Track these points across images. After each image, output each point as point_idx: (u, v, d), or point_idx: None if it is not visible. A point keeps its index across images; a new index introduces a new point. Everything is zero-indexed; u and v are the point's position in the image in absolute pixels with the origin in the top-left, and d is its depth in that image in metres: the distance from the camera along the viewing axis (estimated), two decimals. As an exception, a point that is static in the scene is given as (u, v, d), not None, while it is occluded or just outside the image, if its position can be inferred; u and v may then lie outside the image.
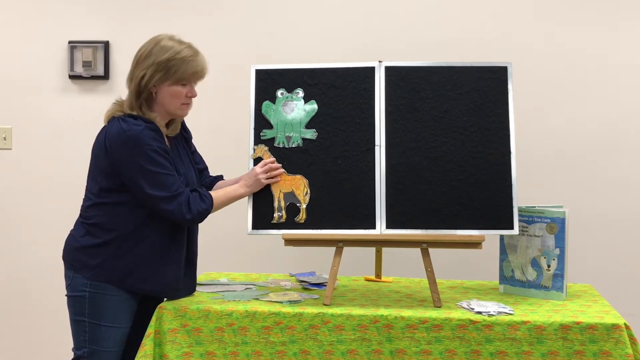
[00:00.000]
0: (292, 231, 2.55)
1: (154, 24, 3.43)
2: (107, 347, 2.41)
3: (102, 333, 2.40)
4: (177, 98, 2.43)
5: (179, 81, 2.41)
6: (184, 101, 2.45)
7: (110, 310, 2.40)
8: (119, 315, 2.41)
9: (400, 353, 2.33)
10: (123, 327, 2.43)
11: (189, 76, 2.42)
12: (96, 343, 2.40)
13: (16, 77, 3.53)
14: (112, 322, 2.41)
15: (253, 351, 2.38)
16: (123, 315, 2.42)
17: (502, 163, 2.53)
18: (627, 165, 3.22)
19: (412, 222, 2.52)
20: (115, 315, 2.41)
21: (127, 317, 2.44)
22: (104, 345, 2.41)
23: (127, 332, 2.45)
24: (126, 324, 2.44)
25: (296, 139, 2.60)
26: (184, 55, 2.40)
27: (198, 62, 2.43)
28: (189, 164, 2.57)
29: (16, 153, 3.54)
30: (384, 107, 2.58)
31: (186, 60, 2.40)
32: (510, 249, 2.69)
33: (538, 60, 3.23)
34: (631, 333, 2.28)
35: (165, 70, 2.39)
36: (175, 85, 2.41)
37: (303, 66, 2.66)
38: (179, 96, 2.43)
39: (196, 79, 2.46)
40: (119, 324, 2.41)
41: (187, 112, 2.50)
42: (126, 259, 2.39)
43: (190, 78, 2.43)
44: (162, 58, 2.39)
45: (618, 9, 3.21)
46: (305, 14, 3.37)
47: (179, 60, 2.40)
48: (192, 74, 2.43)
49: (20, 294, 3.53)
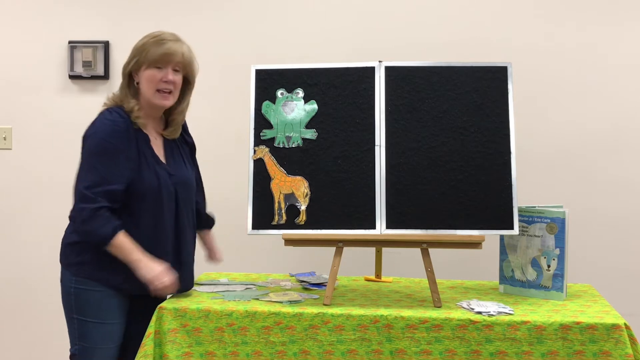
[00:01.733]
0: (292, 231, 2.55)
1: (154, 24, 3.42)
2: (96, 344, 2.40)
3: (90, 330, 2.40)
4: (152, 82, 2.40)
5: (152, 64, 2.39)
6: (159, 86, 2.41)
7: (96, 307, 2.39)
8: (104, 312, 2.40)
9: (400, 353, 2.33)
10: (110, 324, 2.41)
11: (160, 57, 2.39)
12: (85, 340, 2.41)
13: (16, 77, 3.52)
14: (98, 318, 2.39)
15: (253, 351, 2.38)
16: (109, 312, 2.40)
17: (502, 163, 2.54)
18: (627, 165, 3.22)
19: (412, 222, 2.52)
20: (101, 311, 2.39)
21: (115, 313, 2.41)
22: (93, 342, 2.40)
23: (117, 329, 2.43)
24: (113, 320, 2.41)
25: (296, 139, 2.60)
26: (158, 38, 2.41)
27: (171, 45, 2.41)
28: (189, 166, 2.58)
29: (16, 153, 3.54)
30: (384, 107, 2.58)
31: (159, 42, 2.40)
32: (510, 249, 2.69)
33: (538, 60, 3.23)
34: (631, 333, 2.28)
35: (140, 53, 2.40)
36: (150, 69, 2.40)
37: (303, 66, 2.66)
38: (153, 80, 2.40)
39: (168, 62, 2.40)
40: (105, 320, 2.40)
41: (166, 102, 2.44)
42: (106, 256, 2.36)
43: (162, 60, 2.39)
44: (140, 43, 2.42)
45: (618, 9, 3.21)
46: (305, 14, 3.37)
47: (152, 42, 2.41)
48: (163, 54, 2.39)
49: (20, 294, 3.53)
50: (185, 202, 2.51)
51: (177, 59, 2.42)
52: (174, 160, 2.51)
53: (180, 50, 2.43)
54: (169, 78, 2.41)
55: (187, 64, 2.46)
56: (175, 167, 2.50)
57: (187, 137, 2.64)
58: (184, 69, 2.47)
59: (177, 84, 2.45)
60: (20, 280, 3.53)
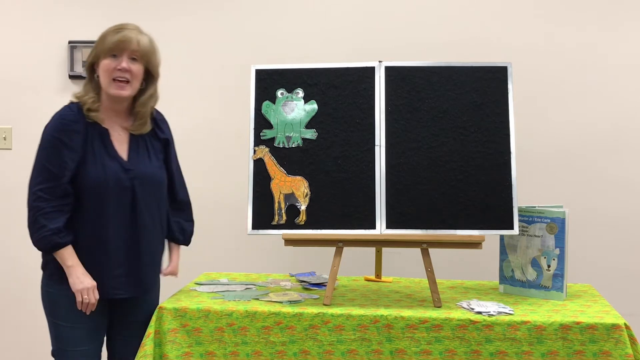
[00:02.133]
0: (292, 231, 2.55)
1: (154, 24, 3.42)
2: (69, 347, 2.38)
3: (61, 332, 2.39)
4: (107, 71, 2.36)
5: (108, 52, 2.36)
6: (114, 75, 2.36)
7: (64, 310, 2.37)
8: (73, 316, 2.36)
9: (400, 353, 2.33)
10: (79, 328, 2.37)
11: (114, 45, 2.35)
12: (58, 341, 2.40)
13: (16, 77, 3.52)
14: (67, 322, 2.37)
15: (253, 351, 2.38)
16: (78, 316, 2.36)
17: (502, 163, 2.54)
18: (627, 165, 3.22)
19: (412, 222, 2.52)
20: (70, 315, 2.36)
21: (83, 317, 2.36)
22: (65, 344, 2.39)
23: (87, 333, 2.39)
24: (82, 324, 2.37)
25: (296, 139, 2.60)
26: (116, 28, 2.39)
27: (127, 33, 2.37)
28: (156, 162, 2.48)
29: (16, 153, 3.53)
30: (384, 107, 2.58)
31: (116, 31, 2.38)
32: (510, 249, 2.69)
33: (538, 60, 3.23)
34: (631, 333, 2.28)
35: (98, 44, 2.38)
36: (105, 59, 2.36)
37: (303, 66, 2.66)
38: (108, 68, 2.35)
39: (123, 50, 2.35)
40: (74, 324, 2.37)
41: (122, 92, 2.37)
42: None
43: (116, 47, 2.35)
44: (100, 35, 2.40)
45: (618, 9, 3.21)
46: (305, 14, 3.37)
47: (107, 32, 2.39)
48: (117, 42, 2.35)
49: (20, 294, 3.53)
50: (146, 199, 2.40)
51: (132, 47, 2.36)
52: (137, 155, 2.43)
53: (135, 38, 2.37)
54: (123, 65, 2.35)
55: (144, 54, 2.39)
56: (137, 162, 2.41)
57: (159, 132, 2.52)
58: (142, 59, 2.40)
59: (135, 73, 2.38)
60: (20, 280, 3.53)
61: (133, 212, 2.38)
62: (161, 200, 2.49)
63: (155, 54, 2.45)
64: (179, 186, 2.59)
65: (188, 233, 2.62)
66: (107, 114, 2.41)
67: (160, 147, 2.52)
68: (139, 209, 2.38)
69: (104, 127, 2.40)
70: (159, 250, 2.52)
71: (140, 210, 2.39)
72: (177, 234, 2.58)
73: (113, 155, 2.38)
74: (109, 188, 2.34)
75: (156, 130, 2.52)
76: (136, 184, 2.38)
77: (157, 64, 2.46)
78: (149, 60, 2.42)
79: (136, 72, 2.38)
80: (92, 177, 2.33)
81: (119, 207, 2.36)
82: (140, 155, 2.43)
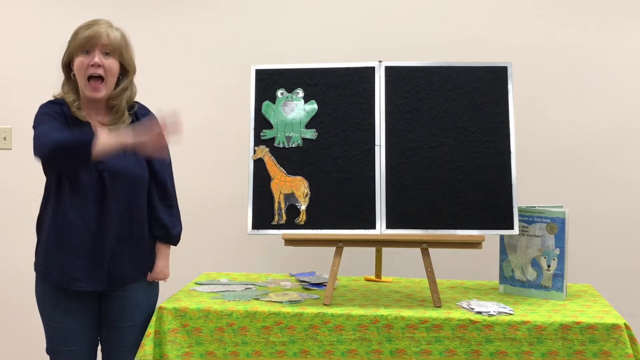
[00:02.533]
0: (292, 231, 2.55)
1: (154, 23, 3.44)
2: (58, 346, 2.40)
3: (50, 332, 2.41)
4: (82, 69, 2.35)
5: (80, 49, 2.35)
6: (88, 72, 2.33)
7: (49, 309, 2.39)
8: (59, 315, 2.38)
9: (400, 353, 2.33)
10: (65, 328, 2.38)
11: (85, 40, 2.34)
12: (49, 340, 2.43)
13: (16, 77, 3.52)
14: (54, 321, 2.39)
15: (253, 351, 2.38)
16: (64, 316, 2.37)
17: (502, 163, 2.54)
18: (627, 165, 3.22)
19: (412, 222, 2.52)
20: (56, 314, 2.38)
21: (69, 317, 2.37)
22: (55, 343, 2.41)
23: (75, 333, 2.38)
24: (68, 324, 2.38)
25: (296, 139, 2.60)
26: (84, 24, 2.39)
27: (97, 28, 2.36)
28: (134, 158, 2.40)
29: (16, 153, 3.53)
30: (384, 107, 2.58)
31: (84, 26, 2.37)
32: (510, 249, 2.69)
33: (538, 60, 3.23)
34: (631, 333, 2.28)
35: (69, 42, 2.38)
36: (78, 56, 2.36)
37: (303, 66, 2.66)
38: (82, 66, 2.34)
39: (94, 45, 2.34)
40: (59, 323, 2.38)
41: (97, 94, 2.35)
42: (39, 246, 2.43)
43: (88, 43, 2.34)
44: (73, 32, 2.40)
45: (618, 9, 3.21)
46: (305, 14, 3.37)
47: (78, 29, 2.38)
48: (87, 37, 2.34)
49: (20, 294, 3.53)
50: (117, 194, 2.37)
51: (103, 41, 2.34)
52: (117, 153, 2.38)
53: (105, 32, 2.35)
54: (95, 60, 2.33)
55: (116, 47, 2.37)
56: (110, 156, 2.31)
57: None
58: (115, 53, 2.38)
59: (109, 69, 2.36)
60: (20, 280, 3.53)
61: (101, 205, 2.35)
62: (135, 196, 2.43)
63: (128, 47, 2.44)
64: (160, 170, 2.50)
65: (168, 228, 2.51)
66: (86, 111, 2.42)
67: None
68: (107, 203, 2.36)
69: (87, 122, 2.41)
70: (131, 246, 2.43)
71: (109, 204, 2.36)
72: (157, 230, 2.51)
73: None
74: (79, 180, 2.33)
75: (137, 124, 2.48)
76: (106, 177, 2.35)
77: (130, 58, 2.44)
78: (122, 54, 2.40)
79: (109, 67, 2.37)
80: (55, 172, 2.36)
81: (88, 199, 2.34)
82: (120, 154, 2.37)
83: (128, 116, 2.44)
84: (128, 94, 2.45)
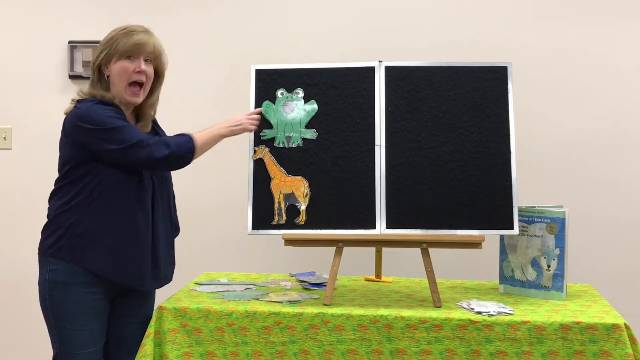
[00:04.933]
0: (292, 231, 2.55)
1: (154, 23, 3.43)
2: (75, 349, 2.36)
3: (67, 335, 2.35)
4: (124, 74, 2.36)
5: (123, 54, 2.36)
6: (131, 78, 2.37)
7: (70, 312, 2.34)
8: (79, 317, 2.34)
9: (400, 353, 2.33)
10: (87, 330, 2.36)
11: (131, 48, 2.36)
12: (63, 344, 2.37)
13: (16, 77, 3.52)
14: (73, 324, 2.35)
15: (253, 351, 2.38)
16: (84, 317, 2.35)
17: (502, 163, 2.54)
18: (627, 166, 3.22)
19: (412, 222, 2.52)
20: (76, 317, 2.34)
21: (89, 318, 2.36)
22: (70, 347, 2.36)
23: (95, 334, 2.37)
24: (89, 325, 2.36)
25: (296, 139, 2.60)
26: (127, 30, 2.39)
27: (142, 36, 2.38)
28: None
29: (16, 153, 3.54)
30: (384, 107, 2.58)
31: (129, 33, 2.38)
32: (510, 249, 2.69)
33: (538, 60, 3.23)
34: (631, 333, 2.28)
35: (110, 46, 2.38)
36: (121, 60, 2.37)
37: (303, 66, 2.66)
38: (125, 71, 2.36)
39: (140, 52, 2.37)
40: (81, 326, 2.35)
41: (137, 99, 2.40)
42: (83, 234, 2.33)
43: (133, 50, 2.36)
44: (109, 36, 2.40)
45: (618, 9, 3.21)
46: (305, 14, 3.37)
47: (122, 33, 2.38)
48: (134, 44, 2.36)
49: (20, 294, 3.53)
50: (162, 194, 2.45)
51: (149, 49, 2.39)
52: None
53: (151, 41, 2.40)
54: (142, 68, 2.37)
55: (157, 56, 2.43)
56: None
57: (158, 130, 2.54)
58: (154, 61, 2.43)
59: (149, 76, 2.41)
60: (20, 280, 3.53)
61: (153, 208, 2.40)
62: (170, 198, 2.53)
63: (164, 55, 2.49)
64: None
65: (178, 230, 2.61)
66: None
67: None
68: (156, 205, 2.41)
69: None
70: (171, 245, 2.53)
71: (156, 206, 2.41)
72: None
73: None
74: (134, 183, 2.35)
75: (155, 128, 2.54)
76: (155, 180, 2.42)
77: (165, 66, 2.49)
78: (159, 63, 2.46)
79: (150, 74, 2.42)
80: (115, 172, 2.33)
81: (143, 203, 2.37)
82: None
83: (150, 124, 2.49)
84: (157, 103, 2.52)
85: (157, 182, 2.43)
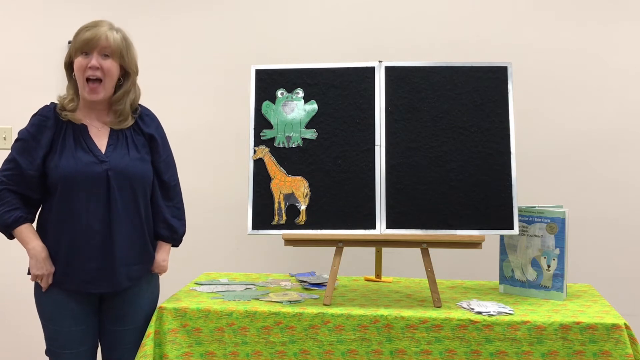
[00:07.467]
0: (292, 231, 2.55)
1: (154, 23, 3.44)
2: (59, 349, 2.38)
3: (51, 334, 2.39)
4: (80, 70, 2.35)
5: (79, 50, 2.36)
6: (86, 74, 2.34)
7: (49, 312, 2.37)
8: (61, 318, 2.36)
9: (400, 353, 2.33)
10: (67, 330, 2.36)
11: (85, 42, 2.34)
12: (49, 342, 2.41)
13: (16, 77, 3.52)
14: (56, 324, 2.37)
15: (253, 351, 2.38)
16: (66, 318, 2.36)
17: (502, 163, 2.54)
18: (627, 166, 3.22)
19: (412, 222, 2.52)
20: (57, 317, 2.36)
21: (71, 320, 2.36)
22: (56, 345, 2.38)
23: (78, 335, 2.38)
24: (71, 327, 2.36)
25: (296, 139, 2.60)
26: (84, 26, 2.39)
27: (97, 30, 2.35)
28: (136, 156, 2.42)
29: (16, 153, 3.53)
30: (384, 107, 2.58)
31: (83, 29, 2.37)
32: (510, 249, 2.69)
33: (538, 60, 3.23)
34: (631, 333, 2.28)
35: (72, 43, 2.39)
36: (78, 57, 2.36)
37: (303, 66, 2.66)
38: (80, 67, 2.35)
39: (93, 47, 2.34)
40: (62, 326, 2.36)
41: (94, 96, 2.36)
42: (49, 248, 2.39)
43: (87, 45, 2.34)
44: (74, 35, 2.40)
45: (618, 9, 3.21)
46: (305, 14, 3.37)
47: (80, 30, 2.38)
48: (87, 39, 2.34)
49: (20, 294, 3.53)
50: (122, 192, 2.36)
51: (102, 44, 2.34)
52: (115, 148, 2.39)
53: (104, 34, 2.34)
54: (93, 63, 2.33)
55: (116, 50, 2.36)
56: (114, 155, 2.37)
57: (143, 126, 2.48)
58: (114, 55, 2.37)
59: (107, 70, 2.35)
60: (20, 280, 3.53)
61: (107, 205, 2.34)
62: (140, 195, 2.42)
63: (129, 49, 2.43)
64: (164, 170, 2.51)
65: (175, 229, 2.52)
66: (86, 110, 2.42)
67: (143, 141, 2.48)
68: (112, 202, 2.35)
69: (83, 123, 2.40)
70: (138, 245, 2.43)
71: (115, 203, 2.35)
72: (162, 230, 2.50)
73: (89, 149, 2.37)
74: (81, 180, 2.33)
75: (140, 124, 2.48)
76: (111, 176, 2.35)
77: (131, 60, 2.43)
78: (122, 56, 2.40)
79: (108, 69, 2.36)
80: (62, 169, 2.33)
81: (93, 199, 2.33)
82: (118, 149, 2.40)
83: (131, 119, 2.45)
84: (132, 97, 2.45)
85: (115, 182, 2.35)
